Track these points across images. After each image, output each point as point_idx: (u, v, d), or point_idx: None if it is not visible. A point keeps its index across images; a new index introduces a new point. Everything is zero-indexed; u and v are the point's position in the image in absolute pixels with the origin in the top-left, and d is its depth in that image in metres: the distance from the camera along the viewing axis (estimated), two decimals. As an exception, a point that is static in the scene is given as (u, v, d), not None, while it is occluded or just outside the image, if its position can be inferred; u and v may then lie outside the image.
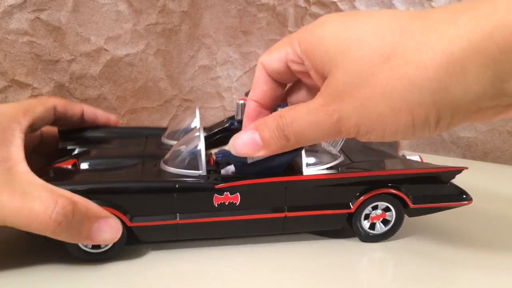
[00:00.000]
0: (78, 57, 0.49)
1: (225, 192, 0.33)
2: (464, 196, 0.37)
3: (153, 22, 0.51)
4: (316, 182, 0.35)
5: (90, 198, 0.31)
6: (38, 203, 0.29)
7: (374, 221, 0.37)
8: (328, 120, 0.26)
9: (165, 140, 0.41)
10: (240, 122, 0.37)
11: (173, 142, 0.39)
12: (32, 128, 0.35)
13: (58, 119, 0.39)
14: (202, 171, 0.33)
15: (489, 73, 0.22)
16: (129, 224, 0.33)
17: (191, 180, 0.33)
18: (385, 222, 0.37)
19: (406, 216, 0.37)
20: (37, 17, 0.46)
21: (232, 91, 0.60)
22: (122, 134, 0.42)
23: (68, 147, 0.39)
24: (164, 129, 0.43)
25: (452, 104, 0.24)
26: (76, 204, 0.30)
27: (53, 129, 0.41)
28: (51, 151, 0.40)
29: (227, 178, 0.33)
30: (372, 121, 0.25)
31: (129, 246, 0.34)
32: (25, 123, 0.33)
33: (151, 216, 0.33)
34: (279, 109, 0.31)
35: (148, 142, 0.41)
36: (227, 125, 0.39)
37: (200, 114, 0.40)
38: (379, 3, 0.51)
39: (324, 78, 0.27)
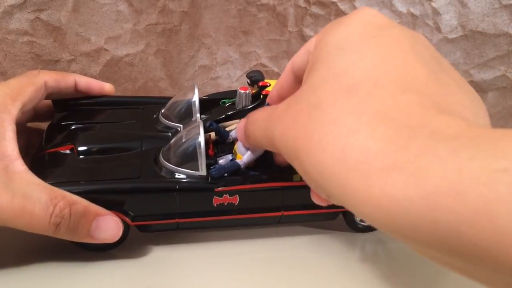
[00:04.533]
0: (78, 57, 0.49)
1: (224, 194, 0.34)
2: None
3: (153, 22, 0.51)
4: None
5: (90, 198, 0.31)
6: (37, 207, 0.29)
7: None
8: (269, 140, 0.27)
9: (163, 120, 0.40)
10: (226, 118, 0.40)
11: (170, 123, 0.39)
12: (22, 111, 0.33)
13: (50, 93, 0.37)
14: (202, 172, 0.34)
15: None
16: (130, 223, 0.33)
17: (191, 181, 0.34)
18: None
19: None
20: (37, 17, 0.46)
21: (232, 91, 0.60)
22: (118, 104, 0.42)
23: (63, 123, 0.38)
24: (159, 99, 0.42)
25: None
26: (74, 205, 0.30)
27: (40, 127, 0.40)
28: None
29: (227, 181, 0.34)
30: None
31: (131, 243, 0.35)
32: (14, 110, 0.32)
33: (151, 216, 0.34)
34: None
35: (145, 117, 0.40)
36: (206, 126, 0.38)
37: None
38: (379, 3, 0.51)
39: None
